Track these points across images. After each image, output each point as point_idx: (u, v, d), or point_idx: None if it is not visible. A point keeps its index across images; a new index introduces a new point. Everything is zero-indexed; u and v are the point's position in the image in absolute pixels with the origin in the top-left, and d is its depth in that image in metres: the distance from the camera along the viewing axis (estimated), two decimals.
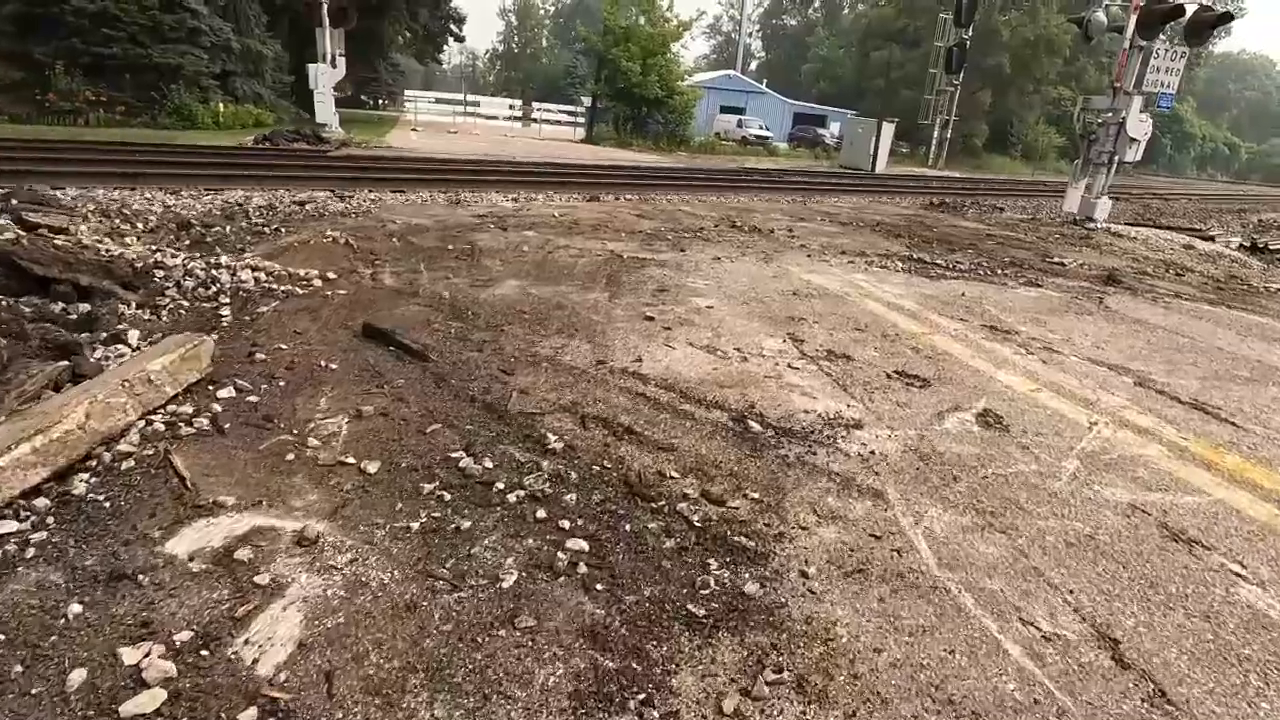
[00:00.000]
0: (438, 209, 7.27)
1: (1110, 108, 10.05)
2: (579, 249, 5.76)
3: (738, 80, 56.42)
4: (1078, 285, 6.21)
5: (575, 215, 7.53)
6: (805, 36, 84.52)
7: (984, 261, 6.89)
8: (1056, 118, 53.11)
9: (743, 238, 7.05)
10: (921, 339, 4.16)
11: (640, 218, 7.75)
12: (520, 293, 4.38)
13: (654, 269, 5.31)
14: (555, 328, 3.78)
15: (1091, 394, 3.53)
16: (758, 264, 5.81)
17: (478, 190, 9.49)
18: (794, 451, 2.65)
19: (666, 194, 11.06)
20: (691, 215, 8.35)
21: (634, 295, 4.54)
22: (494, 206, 7.77)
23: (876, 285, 5.44)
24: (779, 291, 4.97)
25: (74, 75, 18.96)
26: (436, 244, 5.50)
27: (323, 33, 16.78)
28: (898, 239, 7.93)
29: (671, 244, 6.35)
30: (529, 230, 6.38)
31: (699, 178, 14.51)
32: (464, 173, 11.16)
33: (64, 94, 18.83)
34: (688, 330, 3.93)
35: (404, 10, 35.90)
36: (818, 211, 10.03)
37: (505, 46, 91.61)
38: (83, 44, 19.05)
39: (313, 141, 15.08)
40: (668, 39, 29.88)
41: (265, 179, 8.21)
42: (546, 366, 3.25)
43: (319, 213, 6.35)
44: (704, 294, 4.72)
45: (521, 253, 5.45)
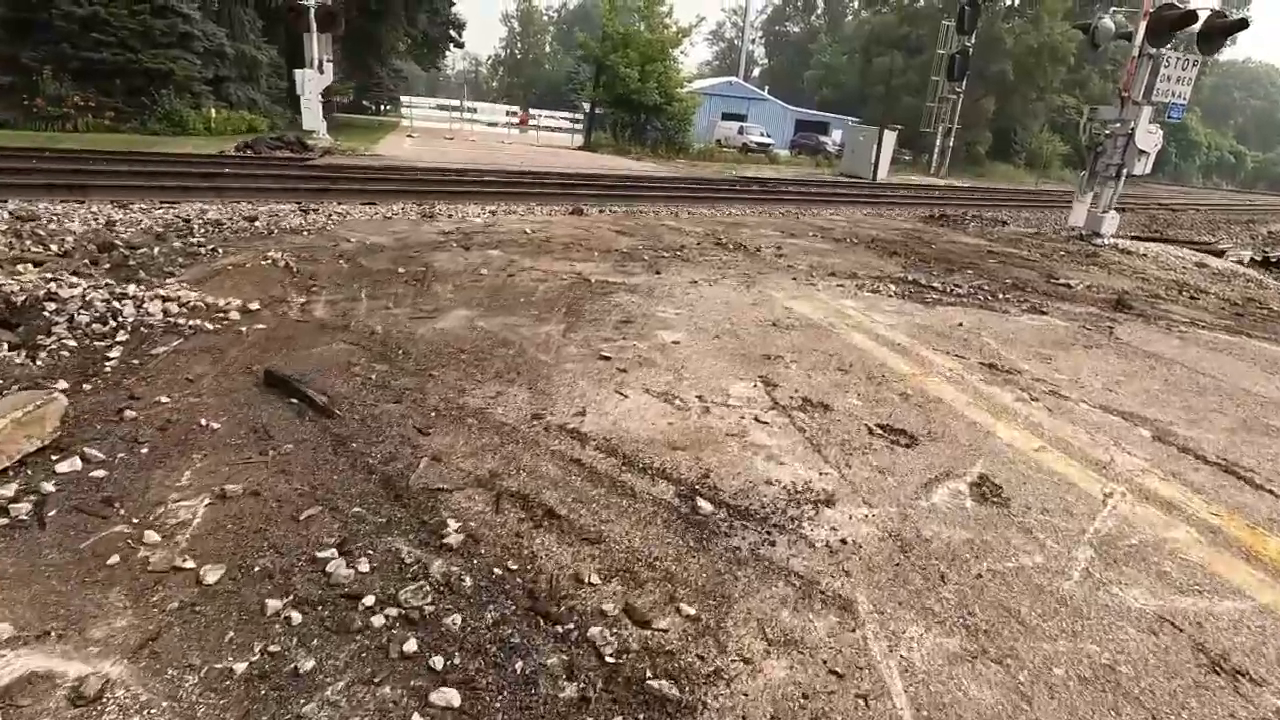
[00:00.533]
0: (403, 224, 6.84)
1: (1118, 118, 9.60)
2: (544, 272, 5.32)
3: (739, 87, 56.19)
4: (1085, 311, 5.74)
5: (550, 231, 7.09)
6: (808, 43, 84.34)
7: (984, 284, 6.43)
8: (1061, 126, 52.76)
9: (726, 257, 6.60)
10: (912, 381, 3.70)
11: (620, 234, 7.31)
12: (466, 326, 3.94)
13: (622, 295, 4.86)
14: (494, 370, 3.34)
15: (1105, 453, 3.07)
16: (738, 289, 5.36)
17: (454, 202, 9.07)
18: (748, 541, 2.19)
19: (654, 206, 10.64)
20: (675, 231, 7.91)
21: (593, 328, 4.09)
22: (464, 221, 7.34)
23: (866, 313, 4.98)
24: (757, 322, 4.52)
25: (62, 80, 18.67)
26: (388, 266, 5.06)
27: (310, 38, 16.44)
28: (893, 257, 7.48)
29: (647, 265, 5.91)
30: (494, 249, 5.94)
31: (692, 188, 14.08)
32: (444, 183, 10.75)
33: (52, 99, 18.54)
34: (646, 373, 3.48)
35: (402, 16, 35.67)
36: (811, 226, 9.58)
37: (508, 52, 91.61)
38: (71, 48, 18.76)
39: (296, 149, 14.70)
40: (666, 45, 29.57)
41: (228, 190, 7.80)
42: (473, 423, 2.80)
43: (269, 230, 5.93)
44: (672, 326, 4.27)
45: (479, 277, 5.01)
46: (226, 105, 25.10)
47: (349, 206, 8.07)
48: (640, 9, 30.52)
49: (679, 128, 30.89)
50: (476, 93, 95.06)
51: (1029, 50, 41.86)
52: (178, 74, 20.98)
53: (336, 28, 16.61)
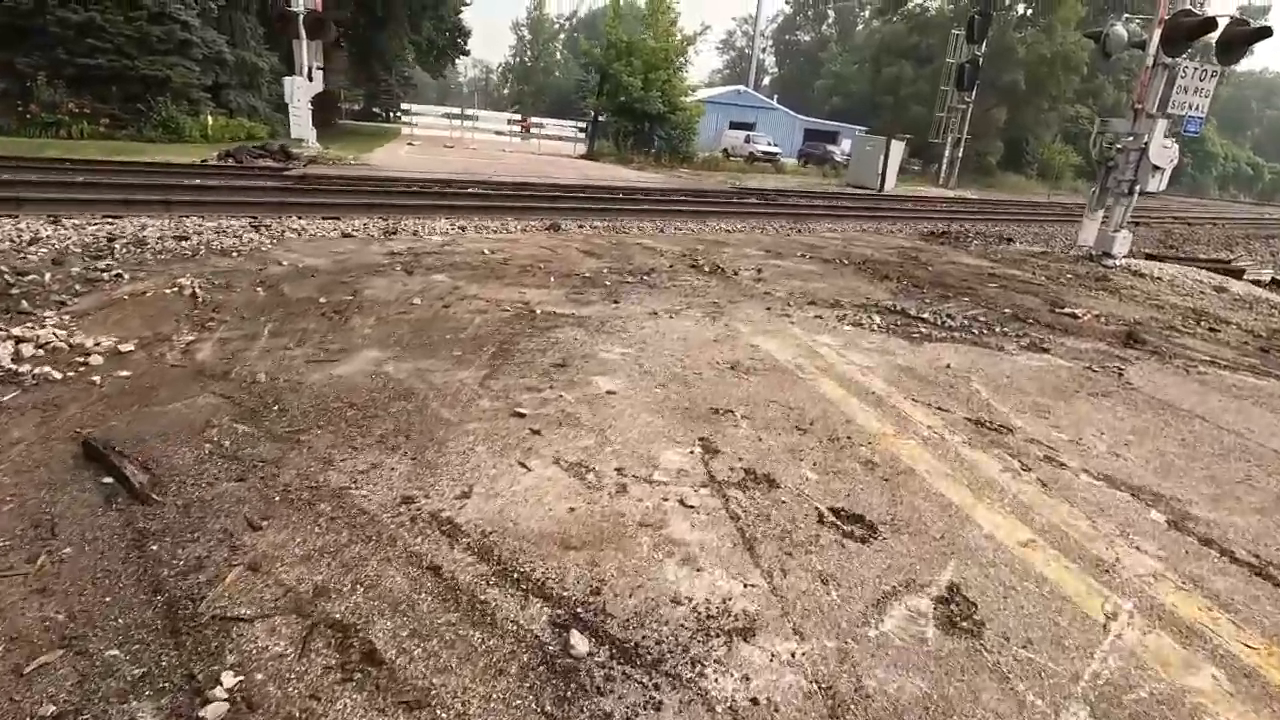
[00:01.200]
0: (351, 244, 6.36)
1: (1131, 132, 9.01)
2: (487, 301, 4.81)
3: (748, 96, 55.82)
4: (1092, 348, 5.16)
5: (512, 251, 6.59)
6: (818, 52, 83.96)
7: (981, 314, 5.85)
8: (1073, 136, 52.03)
9: (698, 282, 6.07)
10: (881, 445, 3.15)
11: (587, 254, 6.80)
12: (369, 372, 3.42)
13: (567, 330, 4.33)
14: (380, 433, 2.82)
15: (1108, 548, 2.50)
16: (701, 322, 4.82)
17: (425, 217, 8.60)
18: (626, 702, 1.65)
19: (639, 221, 10.13)
20: (649, 251, 7.38)
21: (519, 374, 3.56)
22: (420, 240, 6.85)
23: (842, 352, 4.43)
24: (714, 364, 3.98)
25: (57, 87, 18.50)
26: (311, 295, 4.57)
27: (299, 45, 16.12)
28: (884, 281, 6.92)
29: (607, 292, 5.38)
30: (440, 274, 5.44)
31: (684, 201, 13.57)
32: (420, 195, 10.31)
33: (46, 105, 18.36)
34: (564, 435, 2.95)
35: (405, 23, 35.57)
36: (801, 244, 9.03)
37: (518, 60, 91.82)
38: (67, 54, 18.59)
39: (279, 158, 14.33)
40: (671, 53, 29.18)
41: (179, 204, 7.37)
42: (324, 510, 2.28)
43: (196, 250, 5.45)
44: (614, 370, 3.74)
45: (409, 308, 4.50)
46: (226, 113, 24.97)
47: (308, 221, 7.62)
48: (645, 17, 30.19)
49: (683, 137, 30.45)
50: (488, 100, 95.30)
51: (1041, 60, 41.17)
52: (175, 81, 20.81)
53: (326, 35, 16.28)
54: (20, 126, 18.39)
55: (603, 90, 30.34)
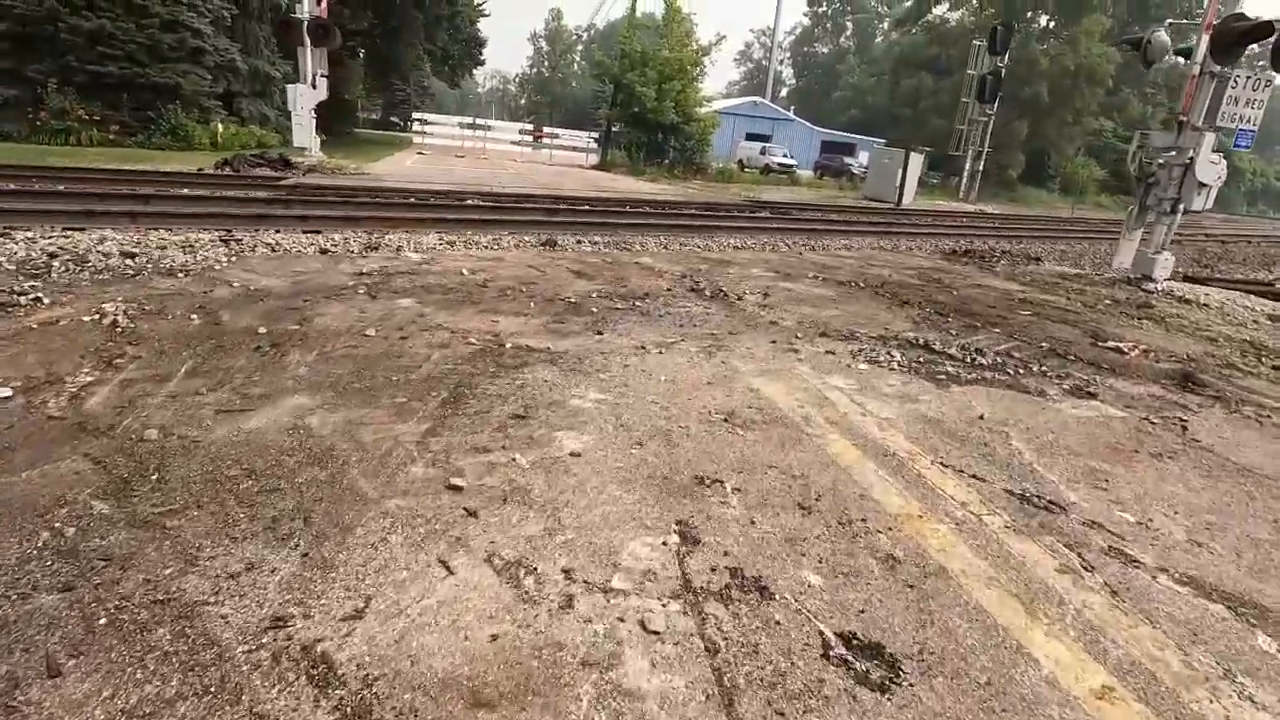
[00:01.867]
0: (319, 262, 5.84)
1: (1175, 146, 8.31)
2: (453, 331, 4.25)
3: (764, 107, 55.39)
4: (1146, 393, 4.49)
5: (496, 271, 6.04)
6: (836, 64, 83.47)
7: (1015, 348, 5.20)
8: (1097, 150, 51.03)
9: (697, 308, 5.47)
10: (905, 529, 2.53)
11: (579, 275, 6.23)
12: (288, 425, 2.86)
13: (538, 369, 3.76)
14: (274, 514, 2.25)
15: (1211, 699, 1.87)
16: (696, 358, 4.23)
17: (413, 231, 8.10)
18: None
19: (643, 236, 9.57)
20: (648, 270, 6.81)
21: (469, 428, 2.99)
22: (398, 258, 6.32)
23: (856, 399, 3.81)
24: (705, 415, 3.38)
25: (68, 94, 18.42)
26: (251, 324, 4.03)
27: (303, 52, 15.83)
28: (904, 308, 6.28)
29: (592, 321, 4.80)
30: (408, 298, 4.89)
31: (692, 215, 13.00)
32: (413, 207, 9.84)
33: (57, 112, 18.27)
34: (506, 517, 2.37)
35: (420, 33, 35.53)
36: (814, 264, 8.41)
37: (535, 71, 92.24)
38: (78, 62, 18.52)
39: (278, 166, 13.99)
40: (685, 63, 28.77)
41: (146, 216, 6.91)
42: (163, 638, 1.71)
43: (141, 269, 4.95)
44: (584, 423, 3.15)
45: (362, 339, 3.95)
46: (238, 121, 24.90)
47: (285, 235, 7.14)
48: (660, 27, 29.86)
49: (697, 148, 30.00)
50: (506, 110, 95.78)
51: (1065, 72, 40.32)
52: (185, 89, 20.74)
53: (331, 42, 15.97)
54: (31, 133, 18.33)
55: (616, 100, 29.99)
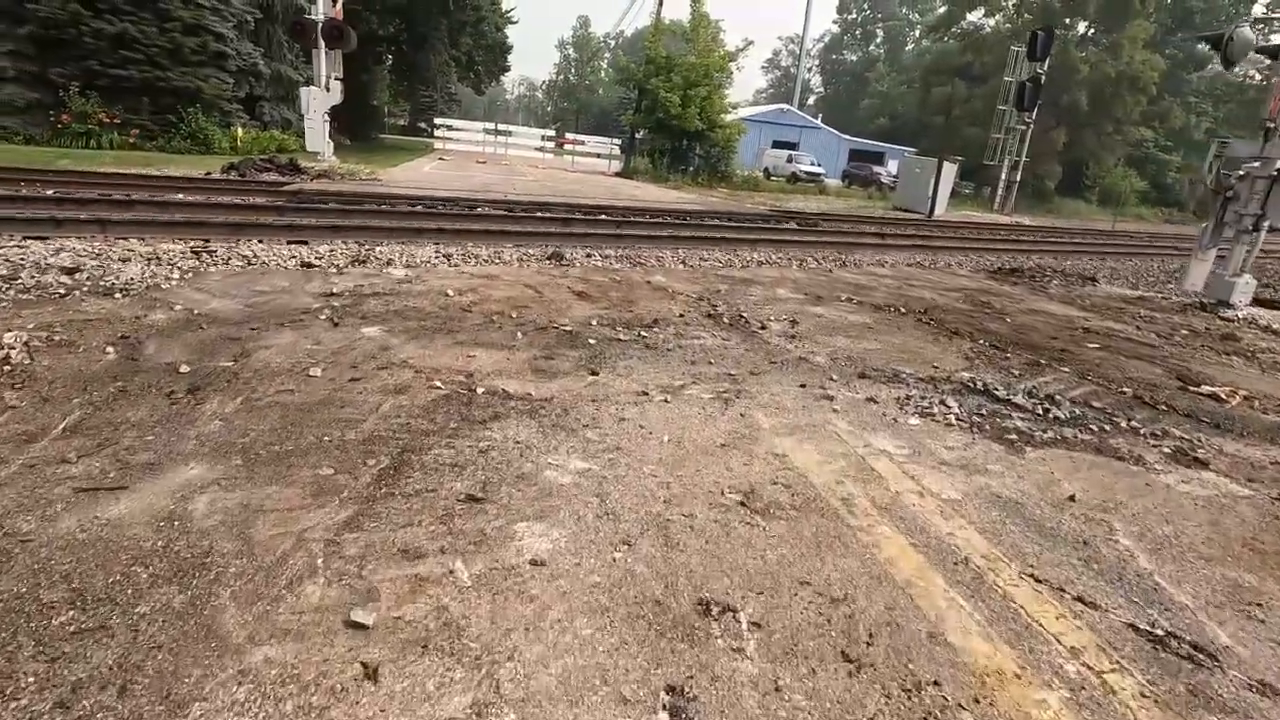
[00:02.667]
0: (286, 279, 5.18)
1: (1260, 155, 7.36)
2: (416, 371, 3.54)
3: (791, 114, 54.54)
4: (1266, 459, 3.62)
5: (487, 290, 5.35)
6: (865, 72, 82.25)
7: (1091, 394, 4.36)
8: (1138, 160, 49.26)
9: (713, 339, 4.71)
10: (998, 700, 1.75)
11: (580, 297, 5.51)
12: (164, 512, 2.17)
13: (511, 426, 3.03)
14: (75, 680, 1.54)
15: None
16: (709, 408, 3.47)
17: (408, 241, 7.48)
18: None
19: (659, 249, 8.84)
20: (660, 291, 6.06)
21: (401, 519, 2.27)
22: (379, 275, 5.65)
23: (910, 469, 3.02)
24: (716, 495, 2.62)
25: (90, 97, 18.35)
26: (175, 360, 3.37)
27: (317, 55, 15.44)
28: (954, 339, 5.45)
29: (586, 357, 4.07)
30: (375, 326, 4.20)
31: (713, 226, 12.26)
32: (415, 215, 9.23)
33: (79, 116, 18.19)
34: (419, 681, 1.63)
35: (445, 39, 35.37)
36: (846, 283, 7.60)
37: (562, 78, 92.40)
38: (100, 65, 18.44)
39: (287, 171, 13.55)
40: (711, 70, 28.09)
41: (118, 224, 6.37)
42: None
43: (75, 287, 4.33)
44: (556, 509, 2.41)
45: (302, 382, 3.26)
46: (259, 125, 24.84)
47: (266, 246, 6.55)
48: (686, 33, 29.23)
49: (722, 155, 29.25)
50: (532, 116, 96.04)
51: (1106, 79, 38.87)
52: (206, 92, 20.62)
53: (345, 44, 15.55)
54: (53, 136, 18.28)
55: (640, 107, 29.39)
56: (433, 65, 38.06)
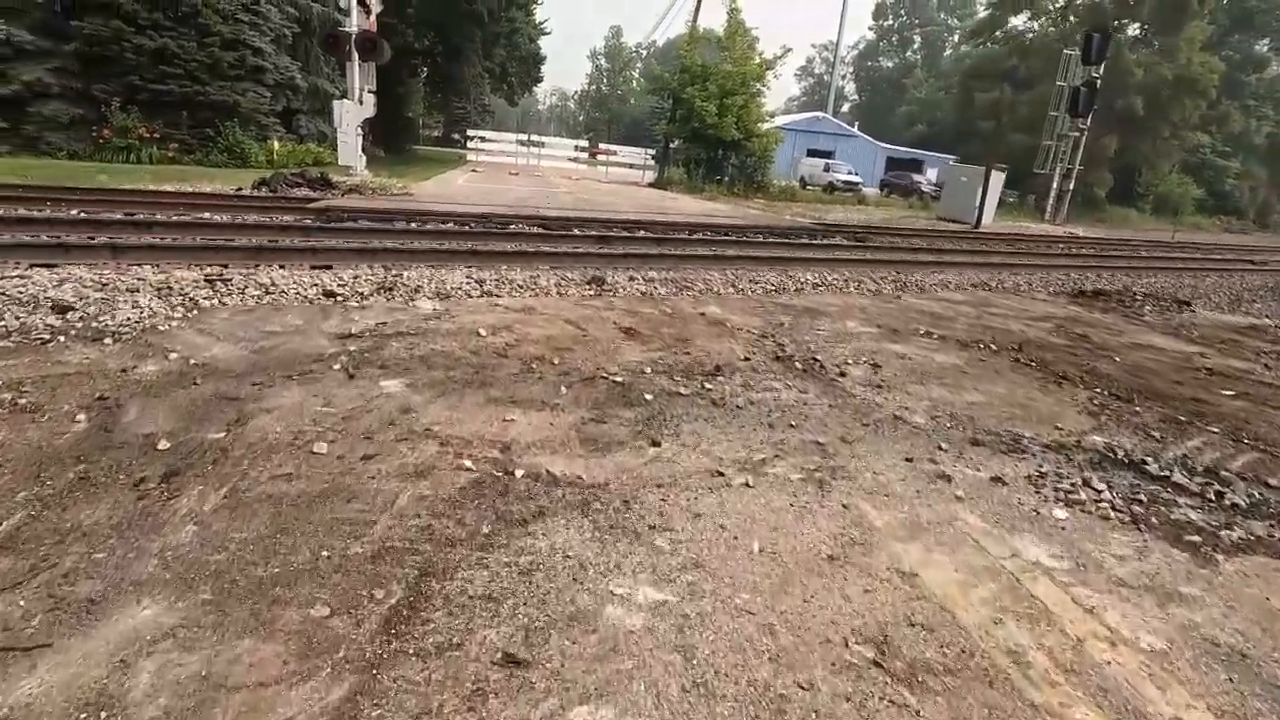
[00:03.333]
0: (301, 316, 4.62)
1: None
2: (442, 444, 2.92)
3: (827, 122, 53.52)
4: None
5: (522, 330, 4.72)
6: (902, 78, 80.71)
7: (1260, 466, 3.54)
8: (1194, 166, 47.08)
9: (788, 392, 4.00)
10: None
11: (628, 335, 4.85)
12: (93, 688, 1.57)
13: (556, 529, 2.37)
14: None
15: None
16: (800, 496, 2.77)
17: (439, 265, 6.94)
18: None
19: (706, 270, 8.17)
20: (718, 325, 5.38)
21: (418, 699, 1.62)
22: (404, 308, 5.07)
23: (1082, 596, 2.28)
24: (835, 649, 1.93)
25: (130, 112, 18.49)
26: (156, 431, 2.79)
27: (351, 67, 15.18)
28: (1063, 385, 4.66)
29: (644, 417, 3.40)
30: (397, 378, 3.60)
31: (761, 242, 11.55)
32: (448, 235, 8.72)
33: (120, 131, 18.33)
34: None
35: (479, 50, 35.34)
36: (918, 311, 6.82)
37: (594, 88, 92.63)
38: (141, 81, 18.57)
39: (318, 186, 13.24)
40: (748, 78, 27.41)
41: (132, 249, 5.93)
42: None
43: (62, 331, 3.81)
44: (625, 678, 1.74)
45: (305, 462, 2.66)
46: (296, 138, 24.92)
47: (288, 272, 6.06)
48: (722, 40, 28.64)
49: (758, 165, 28.49)
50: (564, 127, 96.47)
51: (1163, 82, 37.07)
52: (244, 106, 20.67)
53: (379, 57, 15.28)
54: (95, 151, 18.44)
55: (674, 116, 28.83)
56: (466, 77, 38.10)
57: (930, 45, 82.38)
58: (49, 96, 18.14)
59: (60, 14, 18.29)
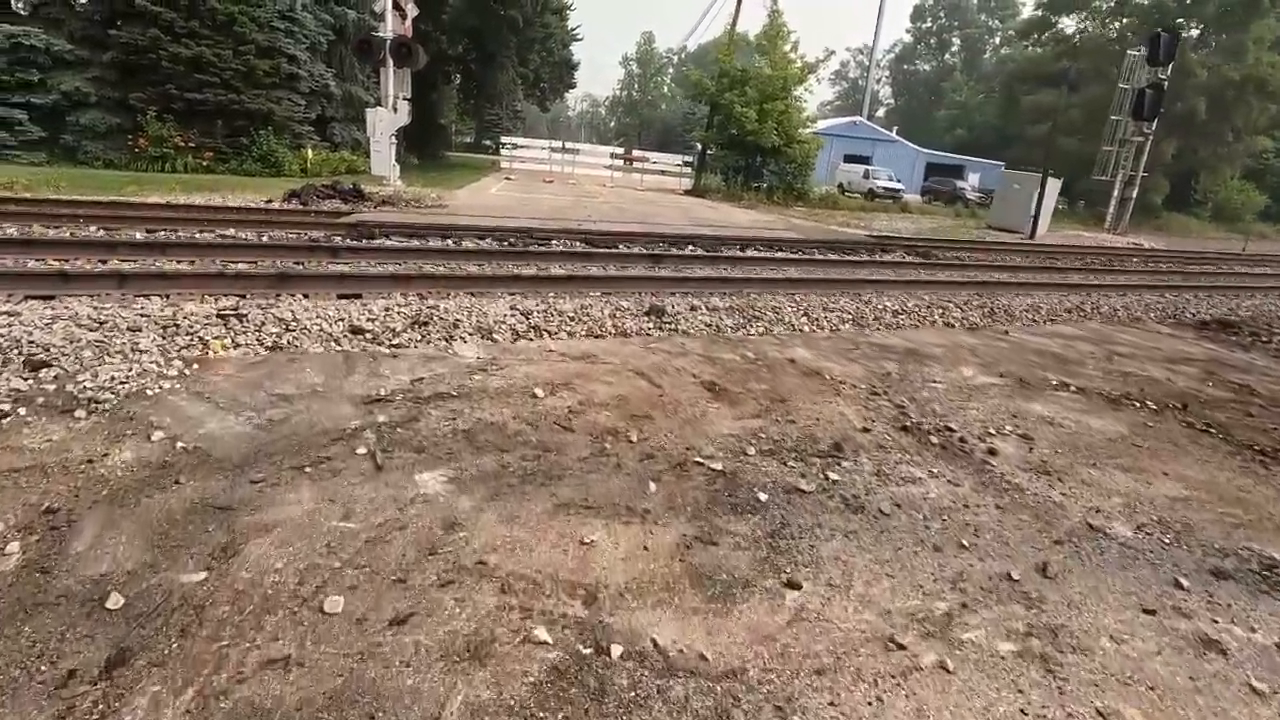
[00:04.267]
0: (323, 371, 3.82)
1: None
2: (503, 584, 2.08)
3: (864, 127, 52.12)
4: None
5: (584, 386, 3.88)
6: (940, 82, 78.61)
7: None
8: (1257, 172, 44.63)
9: (936, 487, 3.08)
10: None
11: (712, 393, 3.98)
12: None
13: None
14: None
15: None
16: (1026, 691, 1.87)
17: (479, 292, 6.17)
18: None
19: (774, 295, 7.28)
20: (814, 379, 4.47)
21: None
22: (441, 357, 4.25)
23: None
24: None
25: (166, 121, 18.27)
26: (115, 569, 2.00)
27: (385, 73, 14.61)
28: (1270, 466, 3.67)
29: (763, 535, 2.52)
30: (435, 469, 2.78)
31: (822, 259, 10.60)
32: (486, 254, 7.96)
33: (155, 140, 18.11)
34: None
35: (514, 56, 34.91)
36: (1036, 352, 5.83)
37: (625, 94, 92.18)
38: (176, 89, 18.33)
39: (349, 198, 12.65)
40: (789, 83, 26.42)
41: (138, 278, 5.25)
42: None
43: (28, 399, 3.06)
44: None
45: (316, 627, 1.84)
46: (330, 146, 24.62)
47: (311, 303, 5.34)
48: (762, 45, 27.69)
49: (798, 172, 27.42)
50: (595, 133, 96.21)
51: (1228, 84, 35.07)
52: (278, 114, 20.35)
53: (415, 63, 14.68)
54: (131, 160, 18.26)
55: (711, 122, 27.94)
56: (500, 83, 37.71)
57: (970, 47, 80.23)
58: (87, 105, 18.00)
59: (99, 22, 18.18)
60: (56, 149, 18.30)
